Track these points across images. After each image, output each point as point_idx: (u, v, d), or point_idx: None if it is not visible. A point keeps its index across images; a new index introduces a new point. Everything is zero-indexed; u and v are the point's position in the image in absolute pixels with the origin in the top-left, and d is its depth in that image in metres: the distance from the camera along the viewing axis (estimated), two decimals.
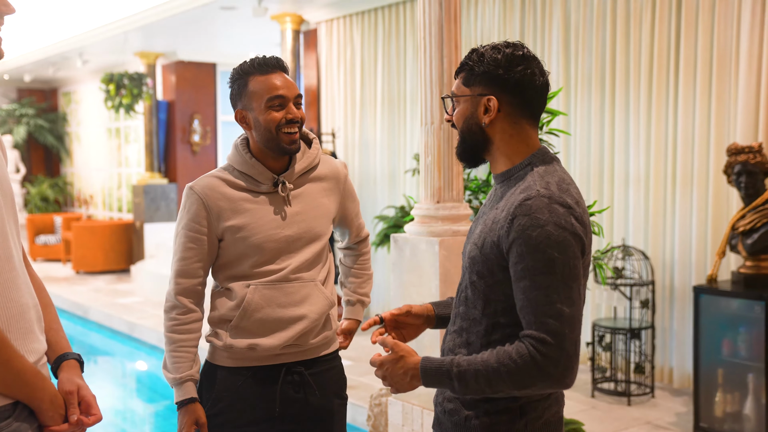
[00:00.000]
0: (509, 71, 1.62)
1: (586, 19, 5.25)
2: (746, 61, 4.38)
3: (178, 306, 2.11)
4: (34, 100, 13.60)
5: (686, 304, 4.75)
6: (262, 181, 2.12)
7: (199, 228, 2.10)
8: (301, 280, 2.14)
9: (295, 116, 2.09)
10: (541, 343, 1.49)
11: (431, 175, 3.45)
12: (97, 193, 12.93)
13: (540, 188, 1.56)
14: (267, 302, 2.10)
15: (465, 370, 1.54)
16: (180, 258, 2.12)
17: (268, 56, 2.12)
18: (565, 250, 1.51)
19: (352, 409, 4.64)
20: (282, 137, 2.07)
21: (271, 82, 2.08)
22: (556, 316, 1.49)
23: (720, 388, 4.07)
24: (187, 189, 2.13)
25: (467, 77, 1.66)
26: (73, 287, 9.46)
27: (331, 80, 7.50)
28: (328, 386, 2.22)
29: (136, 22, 8.19)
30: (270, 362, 2.13)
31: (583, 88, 5.29)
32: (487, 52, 1.64)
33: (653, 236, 4.93)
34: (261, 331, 2.10)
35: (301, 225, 2.14)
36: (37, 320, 1.59)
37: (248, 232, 2.09)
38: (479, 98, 1.64)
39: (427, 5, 3.41)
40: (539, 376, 1.49)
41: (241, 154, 2.14)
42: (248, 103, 2.10)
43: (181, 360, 2.09)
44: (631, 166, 5.04)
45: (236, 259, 2.12)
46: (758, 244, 3.97)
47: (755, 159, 3.96)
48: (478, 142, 1.68)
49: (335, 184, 2.25)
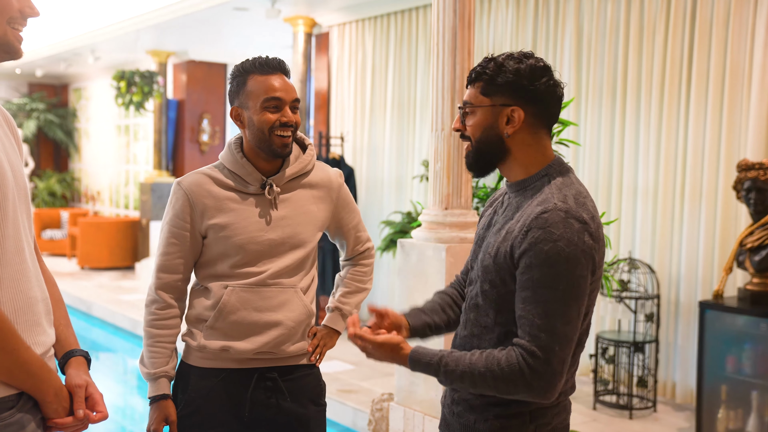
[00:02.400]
0: (534, 82, 1.62)
1: (598, 29, 5.24)
2: (759, 76, 4.37)
3: (158, 301, 2.11)
4: (45, 95, 13.65)
5: (691, 319, 4.73)
6: (250, 182, 2.10)
7: (182, 224, 2.09)
8: (281, 286, 2.10)
9: (290, 120, 2.07)
10: (531, 355, 1.52)
11: (440, 182, 3.44)
12: (105, 189, 12.96)
13: (557, 201, 1.56)
14: (243, 305, 2.07)
15: (452, 370, 1.59)
16: (162, 253, 2.11)
17: (271, 57, 2.11)
18: (574, 268, 1.52)
19: (354, 413, 4.63)
20: (274, 139, 2.06)
21: (269, 83, 2.07)
22: (549, 331, 1.51)
23: (723, 405, 4.05)
24: (175, 184, 2.12)
25: (486, 87, 1.64)
26: (77, 282, 9.48)
27: (342, 84, 7.51)
28: (303, 393, 2.17)
29: (148, 20, 8.22)
30: (243, 365, 2.11)
31: (594, 99, 5.28)
32: (508, 62, 1.63)
33: (660, 250, 4.91)
34: (235, 333, 2.08)
35: (286, 230, 2.11)
36: (46, 313, 1.60)
37: (231, 232, 2.07)
38: (501, 108, 1.63)
39: (441, 12, 3.41)
40: (523, 386, 1.53)
41: (233, 154, 2.13)
42: (244, 102, 2.09)
43: (157, 355, 2.09)
44: (640, 178, 5.02)
45: (217, 258, 2.10)
46: (766, 261, 3.95)
47: (765, 176, 3.94)
48: (496, 152, 1.67)
49: (327, 192, 2.21)
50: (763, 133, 4.36)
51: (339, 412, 4.72)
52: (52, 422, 1.52)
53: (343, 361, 5.69)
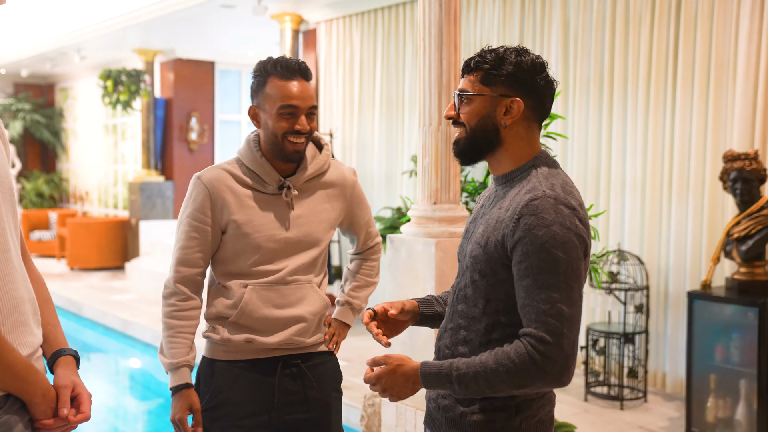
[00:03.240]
0: (535, 76, 1.65)
1: (585, 23, 5.26)
2: (744, 68, 4.40)
3: (178, 293, 2.13)
4: (31, 95, 13.56)
5: (680, 310, 4.76)
6: (268, 182, 2.14)
7: (203, 218, 2.11)
8: (298, 282, 2.15)
9: (303, 128, 2.09)
10: (540, 342, 1.51)
11: (428, 177, 3.45)
12: (93, 189, 12.91)
13: (546, 189, 1.58)
14: (264, 302, 2.12)
15: (464, 373, 1.56)
16: (182, 246, 2.13)
17: (293, 60, 2.12)
18: (569, 251, 1.53)
19: (346, 410, 4.64)
20: (286, 145, 2.09)
21: (287, 90, 2.08)
22: (556, 315, 1.51)
23: (712, 394, 4.09)
24: (195, 178, 2.14)
25: (487, 77, 1.66)
26: (67, 284, 9.44)
27: (330, 80, 7.50)
28: (325, 379, 2.23)
29: (134, 18, 8.18)
30: (267, 355, 2.15)
31: (582, 92, 5.30)
32: (509, 55, 1.66)
33: (649, 241, 4.94)
34: (259, 328, 2.13)
35: (302, 229, 2.15)
36: (33, 314, 1.59)
37: (250, 230, 2.10)
38: (501, 99, 1.65)
39: (427, 7, 3.42)
40: (537, 374, 1.51)
41: (252, 152, 2.15)
42: (262, 103, 2.12)
43: (178, 345, 2.11)
44: (628, 170, 5.05)
45: (235, 256, 2.13)
46: (752, 250, 3.98)
47: (751, 166, 3.97)
48: (489, 141, 1.69)
49: (341, 190, 2.26)
50: (748, 123, 4.39)
51: None
52: (39, 423, 1.52)
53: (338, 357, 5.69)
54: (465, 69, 1.71)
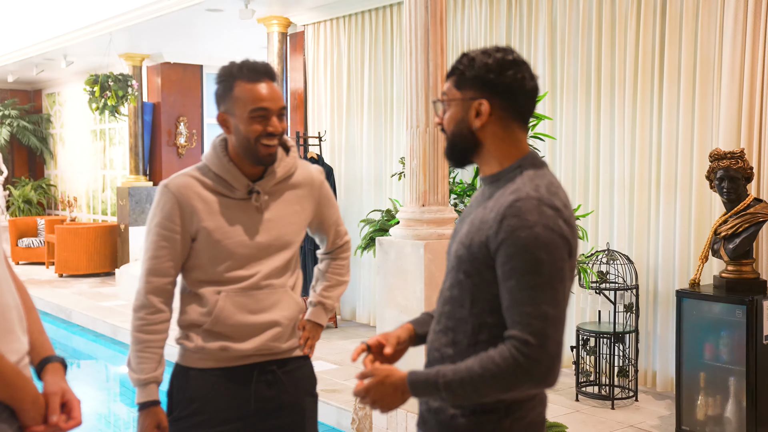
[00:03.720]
0: (500, 75, 1.63)
1: (571, 24, 5.28)
2: (729, 67, 4.42)
3: (147, 305, 2.09)
4: (18, 102, 13.49)
5: (669, 309, 4.78)
6: (236, 187, 2.10)
7: (172, 226, 2.07)
8: (272, 287, 2.13)
9: (276, 130, 2.05)
10: (524, 344, 1.50)
11: (417, 179, 3.46)
12: (81, 195, 12.85)
13: (530, 190, 1.57)
14: (238, 309, 2.09)
15: (451, 380, 1.55)
16: (152, 256, 2.09)
17: (258, 62, 2.07)
18: (553, 252, 1.53)
19: (337, 413, 4.64)
20: (260, 148, 2.05)
21: (256, 92, 2.04)
22: (540, 317, 1.51)
23: (702, 392, 4.10)
24: (162, 187, 2.09)
25: (458, 80, 1.67)
26: (56, 290, 9.39)
27: (318, 83, 7.50)
28: (300, 384, 2.21)
29: (121, 23, 8.15)
30: (242, 362, 2.13)
31: (569, 93, 5.32)
32: (478, 56, 1.65)
33: (637, 241, 4.96)
34: (234, 335, 2.10)
35: (273, 232, 2.13)
36: (19, 320, 1.58)
37: (220, 236, 2.07)
38: (470, 102, 1.65)
39: (413, 9, 3.42)
40: (523, 377, 1.51)
41: (219, 157, 2.11)
42: (231, 108, 2.06)
43: (146, 360, 2.07)
44: (616, 170, 5.07)
45: (207, 262, 2.10)
46: (740, 248, 4.00)
47: (737, 164, 3.99)
48: (468, 145, 1.69)
49: (310, 191, 2.23)
50: (734, 122, 4.42)
51: (323, 411, 4.73)
52: (29, 430, 1.51)
53: (326, 361, 5.69)
54: (447, 74, 1.73)
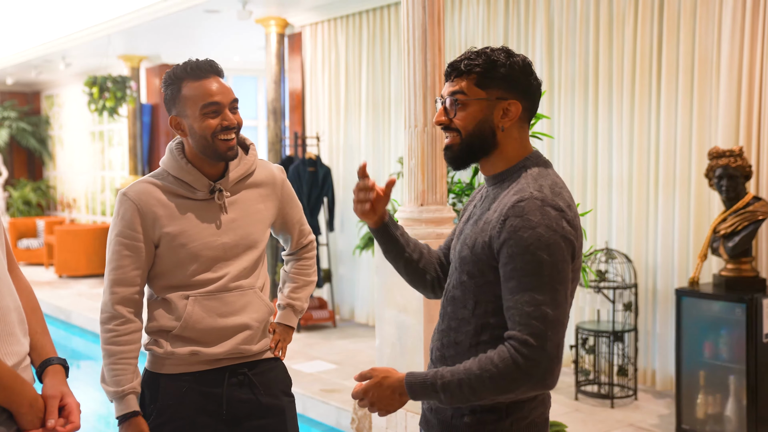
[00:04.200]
0: (528, 77, 1.64)
1: (569, 23, 5.28)
2: (727, 65, 4.42)
3: (117, 316, 2.04)
4: (17, 103, 13.49)
5: (669, 307, 4.78)
6: (197, 188, 2.07)
7: (134, 235, 2.04)
8: (241, 289, 2.11)
9: (231, 122, 2.03)
10: (524, 345, 1.50)
11: (415, 178, 3.45)
12: (81, 196, 12.85)
13: (533, 190, 1.57)
14: (207, 313, 2.06)
15: (449, 381, 1.55)
16: (116, 267, 2.04)
17: (201, 60, 2.06)
18: (555, 253, 1.52)
19: (337, 413, 4.64)
20: (218, 144, 2.03)
21: (205, 88, 2.02)
22: (540, 318, 1.50)
23: (702, 390, 4.10)
24: (120, 195, 2.06)
25: (481, 80, 1.64)
26: (55, 291, 9.39)
27: (316, 84, 7.50)
28: (275, 385, 2.19)
29: (119, 25, 8.15)
30: (213, 366, 2.10)
31: (567, 92, 5.32)
32: (500, 57, 1.63)
33: (636, 239, 4.96)
34: (204, 339, 2.07)
35: (238, 232, 2.11)
36: (19, 323, 1.58)
37: (185, 239, 2.04)
38: (498, 102, 1.63)
39: (410, 9, 3.42)
40: (521, 378, 1.50)
41: (177, 160, 2.08)
42: (182, 110, 2.04)
43: (121, 372, 2.03)
44: (614, 169, 5.07)
45: (173, 268, 2.07)
46: (739, 247, 4.00)
47: (736, 162, 3.99)
48: (486, 145, 1.67)
49: (272, 189, 2.21)
50: (732, 121, 4.42)
51: (322, 411, 4.72)
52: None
53: (325, 361, 5.69)
54: (454, 73, 1.67)
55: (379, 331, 3.64)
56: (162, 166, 2.12)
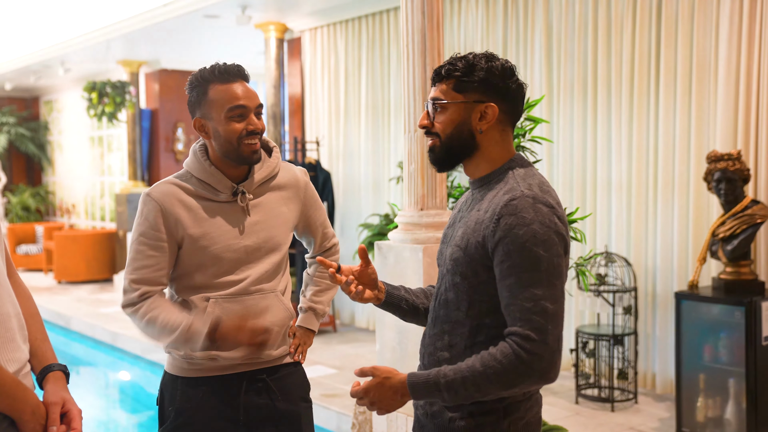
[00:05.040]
0: (507, 81, 1.67)
1: (567, 27, 5.29)
2: (725, 69, 4.44)
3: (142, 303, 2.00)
4: (15, 109, 13.49)
5: (668, 310, 4.78)
6: (221, 190, 2.07)
7: (158, 235, 2.03)
8: (262, 292, 2.10)
9: (257, 127, 2.04)
10: (526, 340, 1.52)
11: (415, 183, 3.46)
12: (80, 202, 12.84)
13: (524, 189, 1.60)
14: (228, 316, 2.04)
15: (452, 380, 1.55)
16: (140, 266, 2.03)
17: (229, 64, 2.07)
18: (550, 248, 1.55)
19: (338, 418, 4.64)
20: (243, 148, 2.03)
21: (232, 92, 2.03)
22: (540, 312, 1.53)
23: (702, 393, 4.11)
24: (144, 196, 2.06)
25: (459, 84, 1.67)
26: (55, 297, 9.39)
27: (316, 88, 7.51)
28: (293, 390, 2.19)
29: (118, 30, 8.16)
30: (231, 371, 2.10)
31: (566, 96, 5.33)
32: (480, 61, 1.67)
33: (635, 243, 4.97)
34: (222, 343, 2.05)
35: (261, 234, 2.10)
36: (20, 329, 1.58)
37: (207, 242, 2.04)
38: (475, 105, 1.66)
39: (409, 14, 3.43)
40: (525, 372, 1.52)
41: (200, 162, 2.09)
42: (207, 112, 2.05)
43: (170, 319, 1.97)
44: (613, 173, 5.08)
45: (195, 269, 2.06)
46: (738, 250, 4.01)
47: (734, 166, 4.00)
48: (465, 147, 1.69)
49: (295, 192, 2.21)
50: (730, 124, 4.43)
51: (323, 416, 4.72)
52: None
53: (326, 366, 5.69)
54: (436, 78, 1.72)
55: (380, 336, 3.64)
56: (185, 167, 2.13)
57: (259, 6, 6.85)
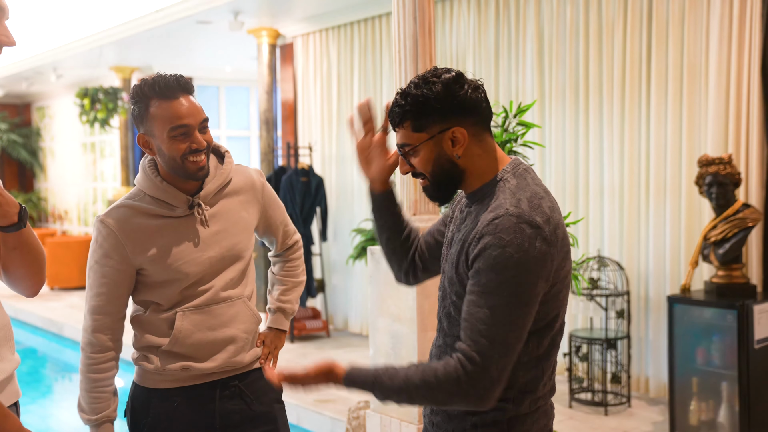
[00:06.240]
0: (456, 96, 1.58)
1: (559, 32, 5.31)
2: (716, 72, 4.46)
3: (94, 344, 2.02)
4: (7, 115, 13.45)
5: (661, 314, 4.80)
6: (176, 205, 2.02)
7: (113, 263, 2.00)
8: (229, 299, 2.08)
9: (200, 145, 1.96)
10: (469, 361, 1.49)
11: (407, 188, 3.47)
12: (72, 208, 12.80)
13: (509, 206, 1.54)
14: (197, 327, 2.03)
15: (388, 387, 1.54)
16: (96, 294, 2.01)
17: (170, 77, 1.97)
18: (522, 274, 1.49)
19: (331, 423, 4.63)
20: (188, 165, 1.96)
21: (174, 110, 1.93)
22: (490, 338, 1.48)
23: (695, 397, 4.12)
24: (98, 222, 2.01)
25: (415, 123, 1.61)
26: (47, 304, 9.35)
27: (308, 94, 7.51)
28: (265, 393, 2.17)
29: (110, 36, 8.15)
30: (204, 380, 2.09)
31: (557, 101, 5.35)
32: (419, 89, 1.59)
33: (628, 247, 4.98)
34: (194, 354, 2.05)
35: (223, 244, 2.06)
36: (5, 339, 1.57)
37: (170, 259, 2.00)
38: (442, 135, 1.60)
39: (401, 19, 3.44)
40: (457, 393, 1.50)
41: (151, 179, 2.03)
42: (150, 129, 1.97)
43: (97, 400, 2.02)
44: (606, 177, 5.09)
45: (159, 287, 2.03)
46: (730, 253, 4.03)
47: (725, 170, 4.02)
48: (452, 177, 1.65)
49: (253, 195, 2.16)
50: (721, 128, 4.45)
51: (316, 421, 4.71)
52: None
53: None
54: (392, 123, 1.67)
55: (373, 341, 3.64)
56: (137, 185, 2.07)
57: (252, 12, 6.86)
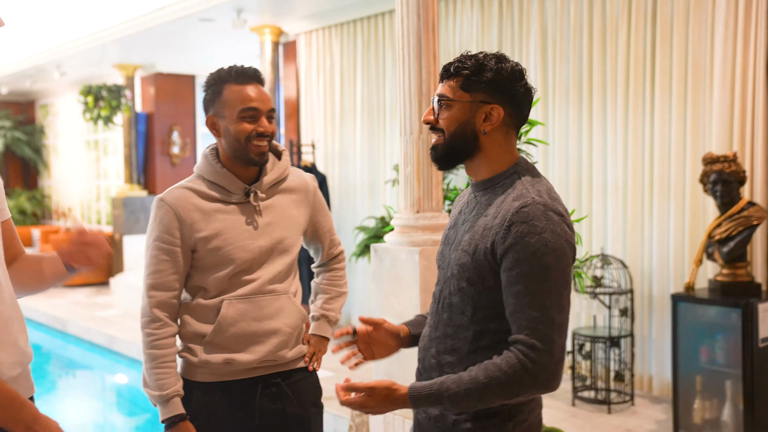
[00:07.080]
0: (515, 84, 1.64)
1: (563, 29, 5.30)
2: (720, 71, 4.44)
3: (155, 319, 2.06)
4: (11, 113, 13.47)
5: (665, 312, 4.79)
6: (233, 191, 2.11)
7: (172, 240, 2.06)
8: (275, 293, 2.12)
9: (266, 130, 2.08)
10: (531, 349, 1.52)
11: (411, 185, 3.46)
12: (76, 205, 12.82)
13: (534, 196, 1.59)
14: (241, 316, 2.07)
15: (455, 393, 1.55)
16: (154, 271, 2.07)
17: (246, 66, 2.12)
18: (560, 258, 1.55)
19: (334, 420, 4.63)
20: (251, 148, 2.07)
21: (245, 93, 2.07)
22: (547, 322, 1.53)
23: (698, 395, 4.11)
24: (158, 201, 2.09)
25: (467, 82, 1.65)
26: (51, 300, 9.36)
27: (311, 91, 7.51)
28: (305, 395, 2.20)
29: (114, 34, 8.16)
30: (246, 375, 2.11)
31: (561, 98, 5.33)
32: (489, 62, 1.64)
33: (631, 245, 4.97)
34: (236, 345, 2.08)
35: (273, 236, 2.13)
36: (21, 332, 1.58)
37: (221, 243, 2.07)
38: (480, 105, 1.64)
39: (405, 16, 3.43)
40: (529, 382, 1.53)
41: (212, 164, 2.13)
42: (220, 111, 2.09)
43: (164, 376, 2.04)
44: (609, 175, 5.08)
45: (209, 271, 2.09)
46: (734, 252, 4.01)
47: (730, 168, 4.01)
48: (467, 147, 1.68)
49: (305, 196, 2.24)
50: (726, 126, 4.43)
51: None
52: None
53: (322, 369, 5.66)
54: (444, 74, 1.69)
55: None
56: (197, 171, 2.16)
57: (255, 9, 6.85)
